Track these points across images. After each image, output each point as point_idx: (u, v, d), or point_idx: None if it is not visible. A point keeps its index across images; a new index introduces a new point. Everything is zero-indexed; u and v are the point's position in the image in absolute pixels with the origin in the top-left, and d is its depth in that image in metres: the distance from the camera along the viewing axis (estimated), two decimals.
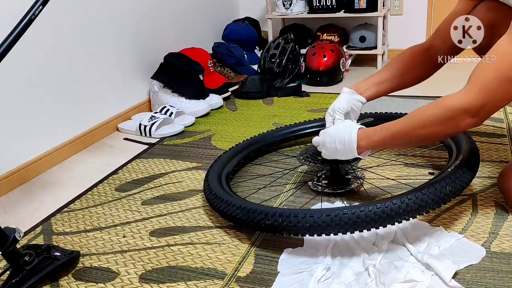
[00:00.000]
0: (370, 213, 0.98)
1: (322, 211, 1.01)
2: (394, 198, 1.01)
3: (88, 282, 1.07)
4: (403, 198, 1.00)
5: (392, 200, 1.00)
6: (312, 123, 1.67)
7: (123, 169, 1.65)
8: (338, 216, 0.99)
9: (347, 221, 0.99)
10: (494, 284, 0.95)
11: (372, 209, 0.99)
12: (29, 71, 1.62)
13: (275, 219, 1.04)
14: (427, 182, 1.08)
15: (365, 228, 1.00)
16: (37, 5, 0.93)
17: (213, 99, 2.19)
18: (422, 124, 1.05)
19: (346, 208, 1.00)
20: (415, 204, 0.99)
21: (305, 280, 0.98)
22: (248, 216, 1.09)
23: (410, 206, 0.99)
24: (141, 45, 2.18)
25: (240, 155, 1.52)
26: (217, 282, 1.03)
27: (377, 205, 0.99)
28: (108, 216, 1.35)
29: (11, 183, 1.57)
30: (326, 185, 1.36)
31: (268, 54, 2.49)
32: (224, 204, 1.17)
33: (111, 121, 2.02)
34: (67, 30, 1.76)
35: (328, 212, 1.00)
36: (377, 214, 0.98)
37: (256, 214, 1.08)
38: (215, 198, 1.21)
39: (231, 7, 3.07)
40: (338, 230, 1.00)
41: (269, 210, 1.07)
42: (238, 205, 1.13)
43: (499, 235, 1.09)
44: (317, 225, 1.00)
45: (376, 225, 1.00)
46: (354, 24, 2.79)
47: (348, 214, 0.99)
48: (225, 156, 1.49)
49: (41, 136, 1.69)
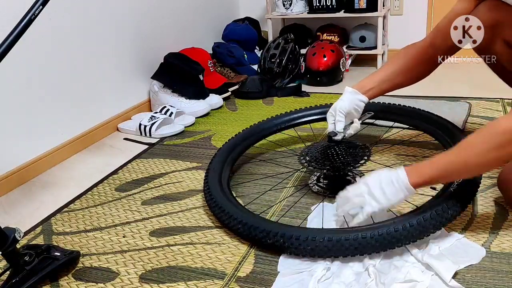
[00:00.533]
0: (372, 240, 0.98)
1: (324, 234, 1.02)
2: (396, 223, 1.00)
3: (88, 282, 1.07)
4: (405, 224, 0.99)
5: (394, 226, 0.99)
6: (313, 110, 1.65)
7: (123, 169, 1.65)
8: (339, 242, 0.99)
9: (348, 247, 0.99)
10: (494, 284, 0.95)
11: (374, 235, 0.99)
12: (29, 71, 1.62)
13: (276, 239, 1.05)
14: (429, 203, 1.07)
15: (366, 252, 1.00)
16: (37, 5, 0.93)
17: (213, 99, 2.19)
18: (477, 154, 0.97)
19: (348, 233, 1.00)
20: (416, 230, 0.99)
21: (305, 280, 0.98)
22: (250, 232, 1.09)
23: (412, 232, 0.99)
24: (141, 45, 2.18)
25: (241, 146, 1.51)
26: (217, 282, 1.03)
27: (379, 231, 0.99)
28: (108, 216, 1.35)
29: (11, 183, 1.57)
30: (326, 186, 1.35)
31: (268, 54, 2.49)
32: (226, 216, 1.16)
33: (111, 121, 2.02)
34: (67, 30, 1.76)
35: (330, 236, 1.00)
36: (378, 240, 0.98)
37: (258, 232, 1.08)
38: (217, 207, 1.20)
39: (231, 7, 3.07)
40: (340, 254, 1.01)
41: (271, 228, 1.07)
42: (239, 220, 1.12)
43: (499, 235, 1.09)
44: (319, 249, 1.01)
45: (378, 250, 1.00)
46: (354, 24, 2.79)
47: (350, 239, 0.99)
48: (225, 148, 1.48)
49: (41, 136, 1.69)
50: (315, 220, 1.20)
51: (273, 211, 1.29)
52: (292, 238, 1.03)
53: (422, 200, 1.20)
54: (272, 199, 1.35)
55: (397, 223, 1.00)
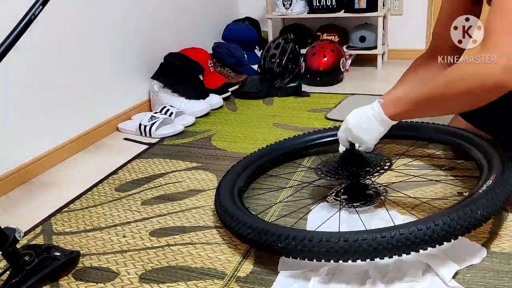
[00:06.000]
0: (393, 240, 0.88)
1: (340, 235, 0.92)
2: (420, 223, 0.91)
3: (88, 282, 1.07)
4: (429, 224, 0.89)
5: (417, 225, 0.90)
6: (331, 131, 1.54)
7: (123, 169, 1.65)
8: (357, 242, 0.89)
9: (366, 248, 0.89)
10: (494, 284, 0.95)
11: (395, 235, 0.88)
12: (29, 71, 1.62)
13: (288, 242, 0.96)
14: (456, 204, 0.98)
15: (386, 255, 0.90)
16: (37, 5, 0.93)
17: (213, 99, 2.19)
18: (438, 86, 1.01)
19: (366, 233, 0.91)
20: (442, 231, 0.89)
21: (305, 280, 0.98)
22: (260, 237, 1.01)
23: (437, 232, 0.89)
24: (141, 45, 2.18)
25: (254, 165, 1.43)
26: (217, 282, 1.03)
27: (400, 230, 0.89)
28: (108, 216, 1.35)
29: (11, 183, 1.57)
30: (346, 201, 1.26)
31: (268, 54, 2.49)
32: (235, 222, 1.09)
33: (111, 121, 2.02)
34: (67, 30, 1.76)
35: (346, 237, 0.90)
36: (400, 241, 0.88)
37: (268, 236, 0.99)
38: (226, 214, 1.13)
39: (231, 7, 3.07)
40: (357, 257, 0.91)
41: (282, 231, 0.98)
42: (249, 225, 1.04)
43: (499, 235, 1.09)
44: (334, 251, 0.91)
45: (399, 252, 0.90)
46: (354, 24, 2.79)
47: (368, 240, 0.89)
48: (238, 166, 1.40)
49: (41, 136, 1.69)
50: (314, 219, 1.20)
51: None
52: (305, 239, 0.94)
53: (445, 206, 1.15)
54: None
55: (421, 223, 0.91)
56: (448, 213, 0.92)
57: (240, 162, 1.44)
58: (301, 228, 1.18)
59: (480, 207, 0.94)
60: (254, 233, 1.02)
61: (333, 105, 2.11)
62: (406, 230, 0.89)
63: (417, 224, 0.91)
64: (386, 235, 0.89)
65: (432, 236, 0.89)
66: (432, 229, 0.89)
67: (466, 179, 1.35)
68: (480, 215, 0.94)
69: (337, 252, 0.91)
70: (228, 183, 1.30)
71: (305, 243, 0.94)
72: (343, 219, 1.17)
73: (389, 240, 0.89)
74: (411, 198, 1.27)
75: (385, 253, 0.90)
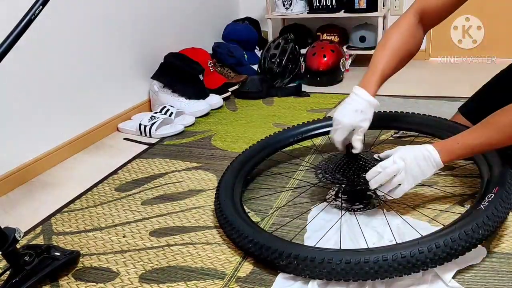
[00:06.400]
0: (394, 263, 0.90)
1: (341, 257, 0.93)
2: (421, 244, 0.92)
3: (88, 282, 1.07)
4: (431, 245, 0.91)
5: (418, 247, 0.91)
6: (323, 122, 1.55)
7: (123, 169, 1.65)
8: (358, 264, 0.91)
9: (368, 270, 0.91)
10: (494, 284, 0.95)
11: (397, 257, 0.90)
12: (29, 71, 1.62)
13: (289, 261, 0.97)
14: (456, 222, 0.98)
15: (388, 277, 0.92)
16: (37, 5, 0.93)
17: (213, 99, 2.19)
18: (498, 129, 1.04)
19: (367, 254, 0.92)
20: (443, 253, 0.91)
21: (305, 280, 0.98)
22: (261, 252, 1.02)
23: (438, 254, 0.91)
24: (141, 45, 2.18)
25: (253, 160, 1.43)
26: (217, 282, 1.03)
27: (402, 252, 0.91)
28: (108, 216, 1.35)
29: (11, 183, 1.57)
30: (345, 201, 1.26)
31: (268, 54, 2.49)
32: (236, 234, 1.09)
33: (111, 121, 2.02)
34: (67, 30, 1.76)
35: (348, 259, 0.92)
36: (401, 263, 0.90)
37: (269, 252, 1.00)
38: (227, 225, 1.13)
39: (231, 7, 3.07)
40: (358, 278, 0.92)
41: (283, 249, 0.99)
42: (251, 238, 1.05)
43: (499, 235, 1.09)
44: (336, 272, 0.93)
45: (400, 274, 0.91)
46: (354, 24, 2.79)
47: (370, 262, 0.91)
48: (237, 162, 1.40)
49: (41, 136, 1.69)
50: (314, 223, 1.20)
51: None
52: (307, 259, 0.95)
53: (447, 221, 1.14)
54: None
55: (422, 245, 0.92)
56: (449, 234, 0.93)
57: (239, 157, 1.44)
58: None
59: (482, 227, 0.95)
60: (255, 248, 1.04)
61: (333, 105, 2.11)
62: (408, 252, 0.91)
63: (418, 246, 0.92)
64: (388, 257, 0.91)
65: (433, 259, 0.91)
66: (434, 251, 0.91)
67: (466, 179, 1.35)
68: (481, 234, 0.95)
69: (338, 273, 0.93)
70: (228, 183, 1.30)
71: (307, 263, 0.95)
72: (344, 220, 1.17)
73: (390, 263, 0.90)
74: (411, 198, 1.27)
75: (386, 275, 0.92)
